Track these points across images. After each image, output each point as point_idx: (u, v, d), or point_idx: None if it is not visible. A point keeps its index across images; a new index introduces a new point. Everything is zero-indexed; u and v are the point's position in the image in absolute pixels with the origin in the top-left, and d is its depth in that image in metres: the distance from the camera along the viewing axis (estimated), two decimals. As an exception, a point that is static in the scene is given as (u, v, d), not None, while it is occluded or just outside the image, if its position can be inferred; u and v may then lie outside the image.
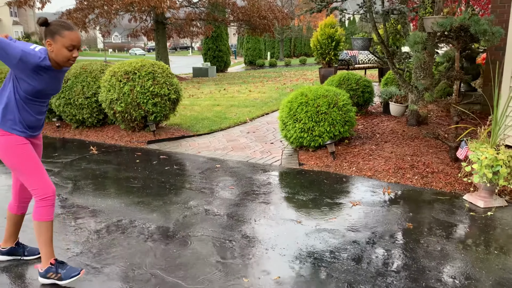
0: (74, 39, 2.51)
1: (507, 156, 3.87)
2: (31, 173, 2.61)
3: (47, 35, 2.49)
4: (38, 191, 2.63)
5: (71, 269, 2.74)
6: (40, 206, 2.65)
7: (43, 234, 2.69)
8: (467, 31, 4.64)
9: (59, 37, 2.48)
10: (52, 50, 2.50)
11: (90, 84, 7.18)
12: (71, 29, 2.51)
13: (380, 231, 3.52)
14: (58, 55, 2.51)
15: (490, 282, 2.77)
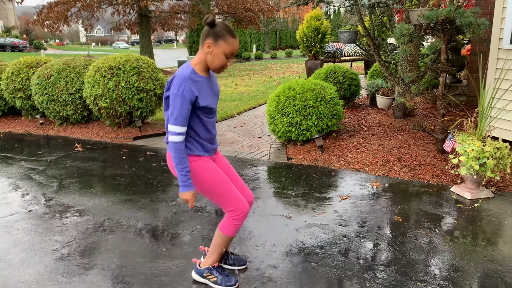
0: (236, 48, 2.36)
1: (493, 148, 3.91)
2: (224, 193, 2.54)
3: (209, 36, 2.32)
4: (235, 211, 2.55)
5: (230, 277, 2.69)
6: (233, 224, 2.58)
7: (221, 246, 2.67)
8: (453, 24, 4.65)
9: (223, 42, 2.32)
10: (210, 53, 2.35)
11: (73, 80, 7.05)
12: (235, 36, 2.35)
13: (369, 224, 3.53)
14: (215, 60, 2.36)
15: (478, 273, 2.80)
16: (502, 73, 5.01)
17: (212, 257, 2.71)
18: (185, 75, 2.32)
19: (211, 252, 2.70)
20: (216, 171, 2.50)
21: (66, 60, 7.35)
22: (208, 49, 2.34)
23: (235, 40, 2.35)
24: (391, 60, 6.88)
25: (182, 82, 2.30)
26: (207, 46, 2.34)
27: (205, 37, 2.34)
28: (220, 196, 2.51)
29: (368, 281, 2.74)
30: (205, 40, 2.34)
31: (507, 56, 5.03)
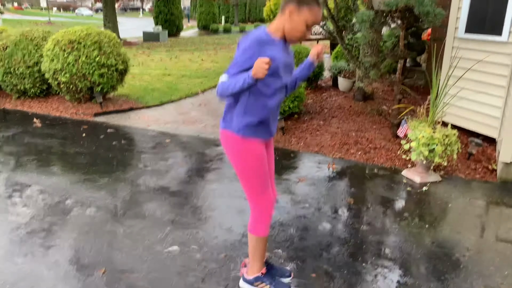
0: (319, 18, 2.17)
1: (442, 135, 4.12)
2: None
3: (292, 2, 2.13)
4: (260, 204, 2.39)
5: (282, 284, 2.55)
6: (259, 221, 2.40)
7: (259, 249, 2.45)
8: (412, 12, 4.78)
9: (307, 10, 2.12)
10: (292, 20, 2.14)
11: (31, 53, 6.82)
12: (319, 5, 2.16)
13: (322, 206, 3.69)
14: (294, 29, 2.16)
15: (419, 255, 3.01)
16: (455, 61, 5.21)
17: (255, 265, 2.50)
18: (256, 34, 2.15)
19: (251, 259, 2.50)
20: (263, 161, 2.34)
21: (24, 31, 7.07)
22: (290, 16, 2.15)
23: (319, 9, 2.17)
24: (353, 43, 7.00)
25: (254, 41, 2.10)
26: (289, 14, 2.15)
27: (287, 3, 2.16)
28: (255, 186, 2.35)
29: (316, 260, 2.90)
30: (286, 6, 2.15)
31: (460, 45, 5.23)
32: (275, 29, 2.21)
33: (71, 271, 2.75)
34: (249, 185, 2.36)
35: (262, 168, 2.33)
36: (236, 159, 2.33)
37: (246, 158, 2.30)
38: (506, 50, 4.66)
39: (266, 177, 2.36)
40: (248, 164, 2.31)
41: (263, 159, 2.33)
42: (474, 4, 5.03)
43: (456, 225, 3.46)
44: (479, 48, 4.98)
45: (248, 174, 2.33)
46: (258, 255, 2.48)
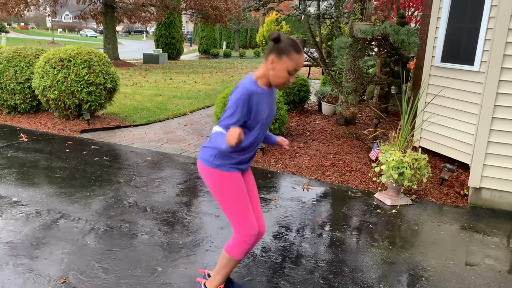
0: (300, 64, 2.28)
1: (411, 159, 4.21)
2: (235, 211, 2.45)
3: (273, 52, 2.26)
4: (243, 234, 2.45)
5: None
6: (237, 245, 2.47)
7: (226, 267, 2.55)
8: (387, 40, 4.95)
9: (286, 58, 2.25)
10: (273, 69, 2.28)
11: (23, 69, 6.99)
12: (300, 52, 2.27)
13: (290, 224, 3.75)
14: (277, 76, 2.28)
15: (377, 274, 3.06)
16: (430, 88, 5.36)
17: (217, 279, 2.60)
18: (247, 85, 2.27)
19: (216, 272, 2.60)
20: (241, 189, 2.42)
21: (17, 48, 7.27)
22: (272, 64, 2.28)
23: (300, 56, 2.28)
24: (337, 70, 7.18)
25: (243, 93, 2.24)
26: (270, 62, 2.28)
27: (269, 52, 2.29)
28: (236, 214, 2.43)
29: (276, 277, 2.95)
30: (269, 55, 2.29)
31: (437, 73, 5.38)
32: (261, 76, 2.33)
33: (33, 278, 2.80)
34: (228, 213, 2.44)
35: (238, 197, 2.41)
36: (212, 189, 2.43)
37: (221, 188, 2.40)
38: (477, 79, 4.80)
39: (244, 206, 2.43)
40: (223, 194, 2.40)
41: (237, 188, 2.41)
42: (449, 34, 5.21)
43: (419, 246, 3.51)
44: (454, 76, 5.13)
45: (225, 203, 2.42)
46: (224, 272, 2.56)
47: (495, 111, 4.25)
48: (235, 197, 2.40)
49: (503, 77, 4.20)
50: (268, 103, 2.36)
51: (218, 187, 2.40)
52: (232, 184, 2.39)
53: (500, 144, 4.28)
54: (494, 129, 4.28)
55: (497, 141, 4.28)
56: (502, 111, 4.23)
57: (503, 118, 4.24)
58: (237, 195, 2.40)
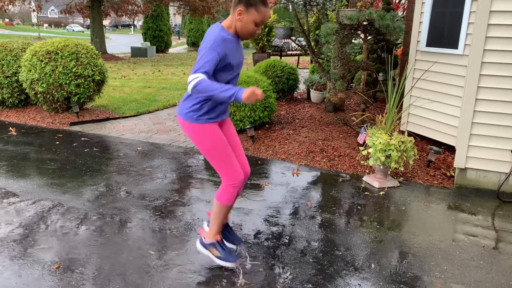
0: (266, 17, 2.36)
1: (398, 141, 4.29)
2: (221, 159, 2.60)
3: (241, 3, 2.33)
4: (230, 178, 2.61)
5: (230, 254, 2.76)
6: (226, 191, 2.63)
7: (220, 214, 2.70)
8: (373, 25, 5.01)
9: (254, 10, 2.32)
10: (240, 20, 2.35)
11: (10, 63, 6.95)
12: (267, 5, 2.35)
13: (280, 208, 3.82)
14: (244, 28, 2.38)
15: (365, 252, 3.14)
16: (415, 72, 5.43)
17: (213, 228, 2.76)
18: (216, 32, 2.35)
19: (212, 222, 2.76)
20: (220, 137, 2.57)
21: (3, 42, 7.21)
22: (239, 16, 2.35)
23: (267, 9, 2.36)
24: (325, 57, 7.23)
25: (215, 38, 2.31)
26: (238, 13, 2.35)
27: (236, 4, 2.34)
28: (219, 161, 2.58)
29: (267, 257, 3.01)
30: (236, 7, 2.34)
31: (422, 58, 5.46)
32: (228, 26, 2.44)
33: (27, 264, 2.84)
34: (214, 161, 2.61)
35: (220, 146, 2.58)
36: (195, 141, 2.60)
37: (203, 140, 2.56)
38: (462, 62, 4.88)
39: (227, 153, 2.59)
40: (206, 145, 2.57)
41: (218, 138, 2.57)
42: (434, 19, 5.28)
43: (405, 225, 3.60)
44: (439, 60, 5.21)
45: (209, 152, 2.58)
46: (219, 220, 2.74)
47: (479, 93, 4.34)
48: (217, 146, 2.57)
49: (485, 59, 4.28)
50: (237, 50, 2.48)
51: (200, 139, 2.56)
52: (212, 135, 2.55)
53: (484, 124, 4.37)
54: (478, 110, 4.37)
55: (481, 122, 4.38)
56: (485, 92, 4.32)
57: (486, 99, 4.33)
58: (219, 144, 2.57)
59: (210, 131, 2.55)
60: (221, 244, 2.80)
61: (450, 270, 2.95)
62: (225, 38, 2.36)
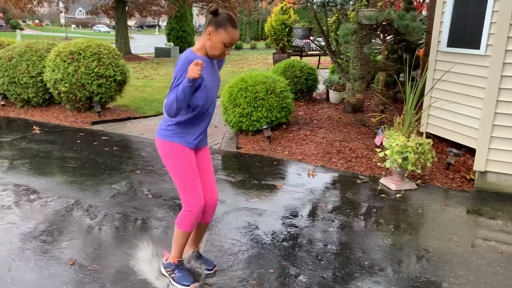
0: (235, 38, 2.44)
1: (415, 143, 4.22)
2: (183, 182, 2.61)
3: (211, 24, 2.40)
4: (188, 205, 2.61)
5: (186, 277, 2.73)
6: (183, 216, 2.63)
7: (178, 239, 2.70)
8: (392, 26, 4.94)
9: (223, 31, 2.40)
10: (210, 40, 2.44)
11: (35, 63, 7.14)
12: (236, 26, 2.44)
13: (293, 210, 3.81)
14: (213, 47, 2.45)
15: (378, 255, 3.11)
16: (436, 73, 5.33)
17: (174, 252, 2.75)
18: (184, 57, 2.43)
19: (173, 246, 2.75)
20: (189, 161, 2.57)
21: (29, 43, 7.42)
22: (209, 36, 2.43)
23: (235, 31, 2.44)
24: (344, 57, 7.18)
25: (182, 62, 2.40)
26: (208, 34, 2.43)
27: (207, 25, 2.43)
28: (182, 185, 2.57)
29: (282, 260, 3.02)
30: (206, 28, 2.44)
31: (443, 58, 5.35)
32: (199, 48, 2.51)
33: (44, 260, 2.92)
34: (177, 183, 2.60)
35: (186, 169, 2.57)
36: (163, 159, 2.62)
37: (170, 159, 2.57)
38: (484, 63, 4.76)
39: (192, 178, 2.58)
40: (172, 165, 2.57)
41: (186, 161, 2.57)
42: (455, 19, 5.17)
43: (421, 229, 3.54)
44: (460, 61, 5.10)
45: (174, 173, 2.59)
46: (178, 245, 2.73)
47: (500, 94, 4.23)
48: (183, 169, 2.56)
49: (507, 59, 4.17)
50: (209, 70, 2.52)
51: (168, 157, 2.57)
52: (180, 156, 2.56)
53: (505, 127, 4.26)
54: (499, 112, 4.26)
55: (502, 124, 4.27)
56: (506, 94, 4.21)
57: (508, 101, 4.21)
58: (185, 167, 2.56)
59: (180, 152, 2.57)
60: (178, 266, 2.77)
61: (465, 276, 2.89)
62: (192, 59, 2.42)
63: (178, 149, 2.56)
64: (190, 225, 2.62)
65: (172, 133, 2.55)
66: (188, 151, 2.59)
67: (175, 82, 2.38)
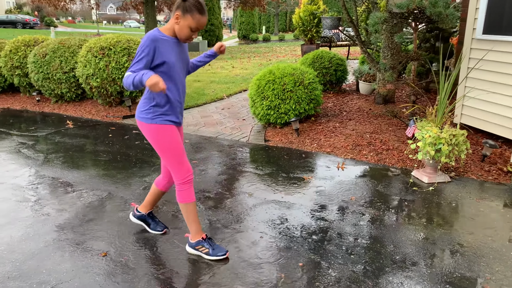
0: (201, 24, 2.56)
1: (449, 134, 4.09)
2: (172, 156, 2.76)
3: (179, 8, 2.54)
4: (181, 176, 2.77)
5: (219, 248, 2.90)
6: (182, 190, 2.79)
7: (189, 213, 2.86)
8: (424, 13, 4.79)
9: (189, 16, 2.53)
10: (178, 23, 2.57)
11: (68, 59, 7.31)
12: (203, 13, 2.55)
13: (322, 203, 3.77)
14: (181, 31, 2.58)
15: (410, 250, 3.03)
16: (471, 62, 5.15)
17: (193, 229, 2.90)
18: (150, 33, 2.53)
19: (188, 225, 2.90)
20: (175, 138, 2.73)
21: (62, 39, 7.60)
22: (176, 20, 2.56)
23: (202, 17, 2.55)
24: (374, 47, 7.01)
25: (146, 38, 2.51)
26: (175, 18, 2.56)
27: (175, 9, 2.55)
28: (173, 160, 2.73)
29: (312, 253, 2.99)
30: (175, 12, 2.56)
31: (478, 46, 5.15)
32: (167, 29, 2.63)
33: (77, 251, 2.99)
34: (168, 160, 2.75)
35: (174, 146, 2.72)
36: (151, 141, 2.75)
37: (158, 140, 2.71)
38: (522, 50, 4.56)
39: (180, 154, 2.75)
40: (160, 145, 2.72)
41: (173, 139, 2.72)
42: (492, 4, 4.96)
43: (455, 223, 3.43)
44: (497, 48, 4.90)
45: (163, 152, 2.74)
46: (191, 219, 2.88)
47: (540, 83, 4.04)
48: (171, 146, 2.72)
49: (548, 46, 3.97)
50: (176, 50, 2.64)
51: (155, 139, 2.71)
52: (167, 136, 2.70)
53: (545, 117, 4.07)
54: (538, 101, 4.07)
55: (542, 114, 4.07)
56: (547, 82, 4.01)
57: (549, 89, 4.02)
58: (173, 145, 2.72)
59: (166, 131, 2.70)
60: (207, 240, 2.91)
61: (502, 272, 2.79)
62: (157, 38, 2.53)
63: (163, 130, 2.70)
64: (190, 193, 2.80)
65: (154, 115, 2.67)
66: (173, 128, 2.73)
67: (137, 58, 2.49)
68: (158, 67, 2.58)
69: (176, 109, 2.75)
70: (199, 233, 2.91)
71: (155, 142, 2.72)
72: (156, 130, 2.69)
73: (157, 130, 2.69)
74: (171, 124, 2.73)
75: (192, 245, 2.93)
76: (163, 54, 2.56)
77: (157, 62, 2.56)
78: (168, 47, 2.59)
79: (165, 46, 2.58)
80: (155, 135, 2.70)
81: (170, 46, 2.61)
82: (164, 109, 2.68)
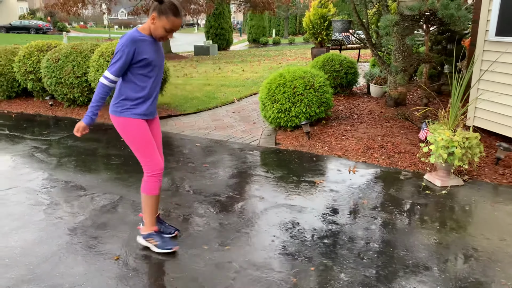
0: (176, 26, 2.71)
1: (462, 137, 4.05)
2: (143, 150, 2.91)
3: (155, 10, 2.66)
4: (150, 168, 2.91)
5: (168, 242, 3.06)
6: (148, 181, 2.94)
7: (149, 206, 3.01)
8: (436, 15, 4.75)
9: (164, 18, 2.66)
10: (153, 24, 2.69)
11: (80, 64, 7.39)
12: (178, 15, 2.69)
13: (333, 206, 3.75)
14: (156, 31, 2.71)
15: (423, 254, 3.00)
16: (483, 64, 5.09)
17: (148, 221, 3.04)
18: (129, 34, 2.69)
19: (145, 216, 3.04)
20: (144, 131, 2.84)
21: (74, 44, 7.69)
22: (152, 20, 2.69)
23: (176, 19, 2.69)
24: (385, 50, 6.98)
25: (126, 38, 2.66)
26: (152, 18, 2.69)
27: (152, 10, 2.68)
28: (142, 152, 2.86)
29: (323, 257, 2.97)
30: (151, 13, 2.68)
31: (491, 48, 5.10)
32: (144, 29, 2.76)
33: (89, 255, 3.02)
34: (138, 152, 2.88)
35: (143, 139, 2.84)
36: (121, 134, 2.87)
37: (127, 132, 2.83)
38: (536, 51, 4.50)
39: (149, 147, 2.87)
40: (130, 137, 2.84)
41: (142, 132, 2.83)
42: (504, 6, 4.91)
43: (469, 227, 3.39)
44: (510, 50, 4.84)
45: (132, 145, 2.86)
46: (149, 211, 3.02)
47: (555, 85, 3.98)
48: (140, 139, 2.83)
49: None
50: (153, 49, 2.78)
51: (124, 132, 2.84)
52: (136, 129, 2.82)
53: (561, 119, 4.01)
54: (553, 103, 4.01)
55: (557, 116, 4.01)
56: (562, 84, 3.95)
57: None
58: (142, 138, 2.84)
59: (134, 125, 2.81)
60: (158, 234, 3.07)
61: (517, 277, 2.74)
62: (136, 38, 2.68)
63: (130, 123, 2.81)
64: (155, 187, 2.93)
65: (122, 108, 2.80)
66: (140, 122, 2.84)
67: (116, 58, 2.65)
68: (138, 63, 2.72)
69: (147, 104, 2.85)
70: (152, 226, 3.05)
71: (123, 135, 2.86)
72: (124, 123, 2.81)
73: (124, 123, 2.81)
74: (139, 118, 2.83)
75: (144, 236, 3.07)
76: (143, 52, 2.71)
77: (138, 59, 2.71)
78: (147, 46, 2.73)
79: (144, 45, 2.72)
80: (122, 128, 2.83)
81: (148, 45, 2.75)
82: (133, 103, 2.80)
